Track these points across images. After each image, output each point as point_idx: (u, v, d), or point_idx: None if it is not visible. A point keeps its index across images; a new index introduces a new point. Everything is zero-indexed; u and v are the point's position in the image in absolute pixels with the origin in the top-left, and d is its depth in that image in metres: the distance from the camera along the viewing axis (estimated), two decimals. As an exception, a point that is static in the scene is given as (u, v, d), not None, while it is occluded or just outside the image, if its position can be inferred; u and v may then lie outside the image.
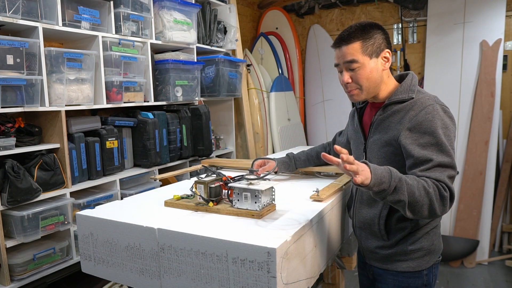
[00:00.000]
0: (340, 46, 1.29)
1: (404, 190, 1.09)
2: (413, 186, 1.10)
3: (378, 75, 1.30)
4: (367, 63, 1.27)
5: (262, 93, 3.82)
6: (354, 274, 3.21)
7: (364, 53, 1.26)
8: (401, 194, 1.09)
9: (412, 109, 1.26)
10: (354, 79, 1.29)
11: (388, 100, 1.31)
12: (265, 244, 0.97)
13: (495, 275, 3.23)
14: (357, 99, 1.34)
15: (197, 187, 1.33)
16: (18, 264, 1.84)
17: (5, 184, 1.77)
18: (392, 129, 1.28)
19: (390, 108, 1.31)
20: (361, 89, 1.30)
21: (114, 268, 1.26)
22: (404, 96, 1.29)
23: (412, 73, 1.36)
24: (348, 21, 4.19)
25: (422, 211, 1.13)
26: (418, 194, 1.10)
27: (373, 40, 1.27)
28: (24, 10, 1.81)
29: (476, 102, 3.43)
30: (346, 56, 1.27)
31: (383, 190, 1.08)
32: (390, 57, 1.32)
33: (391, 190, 1.08)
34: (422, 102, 1.26)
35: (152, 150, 2.46)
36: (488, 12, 3.41)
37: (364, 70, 1.27)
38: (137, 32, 2.41)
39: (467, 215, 3.43)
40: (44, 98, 1.91)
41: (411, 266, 1.34)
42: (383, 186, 1.07)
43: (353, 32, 1.27)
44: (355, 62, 1.27)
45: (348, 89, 1.32)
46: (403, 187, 1.09)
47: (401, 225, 1.32)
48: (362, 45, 1.26)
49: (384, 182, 1.07)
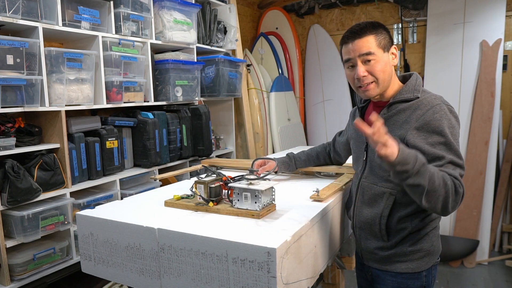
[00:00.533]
0: (353, 40, 1.28)
1: (426, 176, 1.08)
2: (434, 175, 1.10)
3: (391, 69, 1.31)
4: (381, 56, 1.28)
5: (262, 93, 3.82)
6: (354, 274, 3.20)
7: (378, 46, 1.27)
8: (422, 178, 1.08)
9: (418, 108, 1.25)
10: (370, 72, 1.28)
11: (393, 99, 1.31)
12: (265, 244, 0.97)
13: (495, 275, 3.23)
14: (372, 94, 1.31)
15: (197, 187, 1.33)
16: (18, 264, 1.84)
17: (5, 184, 1.77)
18: (397, 128, 1.27)
19: (395, 107, 1.30)
20: (377, 82, 1.29)
21: (114, 268, 1.26)
22: (410, 95, 1.29)
23: (417, 74, 1.36)
24: (348, 21, 4.19)
25: (437, 202, 1.12)
26: (438, 184, 1.10)
27: (383, 35, 1.29)
28: (24, 10, 1.81)
29: (476, 102, 3.43)
30: (362, 49, 1.26)
31: (406, 171, 1.07)
32: (397, 53, 1.33)
33: (414, 172, 1.07)
34: (428, 101, 1.26)
35: (152, 150, 2.46)
36: (488, 12, 3.41)
37: (379, 63, 1.27)
38: (137, 32, 2.41)
39: (467, 215, 3.43)
40: (44, 98, 1.91)
41: (410, 267, 1.34)
42: (407, 166, 1.06)
43: (365, 27, 1.27)
44: (371, 54, 1.26)
45: (363, 82, 1.29)
46: (426, 172, 1.08)
47: (402, 226, 1.32)
48: (376, 38, 1.27)
49: (409, 162, 1.06)
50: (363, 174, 1.41)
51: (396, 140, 1.08)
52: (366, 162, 1.40)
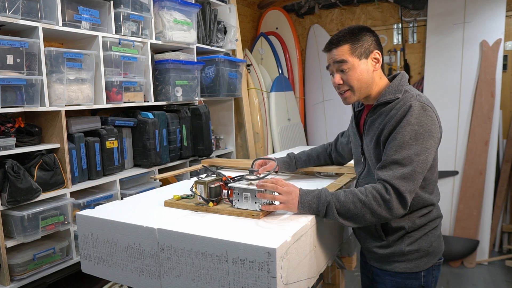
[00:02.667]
0: (330, 49, 1.33)
1: (333, 213, 1.19)
2: (347, 203, 1.19)
3: (369, 76, 1.32)
4: (357, 64, 1.30)
5: (262, 93, 3.82)
6: (354, 274, 3.21)
7: (353, 54, 1.29)
8: (332, 216, 1.20)
9: (394, 108, 1.27)
10: (345, 80, 1.32)
11: (377, 102, 1.33)
12: (265, 244, 0.97)
13: (495, 275, 3.23)
14: (350, 101, 1.36)
15: (197, 187, 1.33)
16: (18, 264, 1.84)
17: (5, 184, 1.77)
18: (379, 129, 1.29)
19: (378, 109, 1.33)
20: (352, 90, 1.33)
21: (114, 268, 1.26)
22: (391, 96, 1.30)
23: (403, 73, 1.37)
24: (348, 21, 4.19)
25: (366, 220, 1.19)
26: (354, 207, 1.18)
27: (361, 42, 1.30)
28: (24, 10, 1.81)
29: (476, 102, 3.43)
30: (336, 57, 1.31)
31: (316, 214, 1.23)
32: (380, 58, 1.34)
33: (322, 214, 1.21)
34: (404, 101, 1.26)
35: (152, 150, 2.46)
36: (488, 12, 3.41)
37: (354, 71, 1.30)
38: (137, 32, 2.41)
39: (467, 215, 3.43)
40: (44, 98, 1.91)
41: (408, 267, 1.34)
42: (313, 212, 1.22)
43: (342, 36, 1.31)
44: (345, 62, 1.29)
45: (340, 90, 1.35)
46: (331, 210, 1.19)
47: (398, 225, 1.32)
48: (350, 47, 1.29)
49: (313, 208, 1.22)
50: (360, 175, 1.45)
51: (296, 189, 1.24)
52: (365, 164, 1.42)
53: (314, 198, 1.22)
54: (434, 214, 1.36)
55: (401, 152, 1.19)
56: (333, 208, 1.19)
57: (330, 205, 1.19)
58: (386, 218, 1.19)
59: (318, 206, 1.21)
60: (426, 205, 1.33)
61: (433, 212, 1.35)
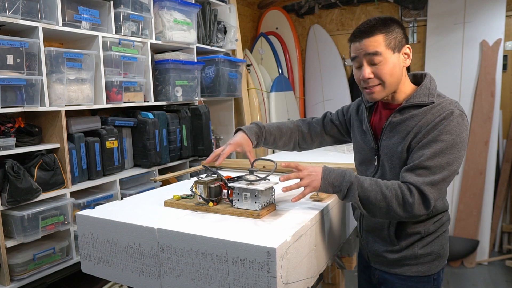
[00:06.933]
0: (361, 39, 1.19)
1: (355, 194, 1.17)
2: (369, 191, 1.16)
3: (400, 72, 1.22)
4: (390, 57, 1.18)
5: (262, 93, 3.82)
6: (354, 274, 3.21)
7: (387, 47, 1.18)
8: (352, 197, 1.17)
9: (430, 112, 1.19)
10: (376, 75, 1.20)
11: (406, 102, 1.23)
12: (265, 244, 0.97)
13: (495, 275, 3.23)
14: (377, 97, 1.24)
15: (197, 187, 1.33)
16: (18, 264, 1.84)
17: (5, 184, 1.77)
18: (413, 133, 1.20)
19: (408, 111, 1.23)
20: (383, 85, 1.21)
21: (114, 268, 1.26)
22: (424, 99, 1.21)
23: (430, 75, 1.29)
24: (348, 21, 4.19)
25: (380, 213, 1.17)
26: (374, 198, 1.16)
27: (395, 34, 1.19)
28: (24, 10, 1.81)
29: (476, 102, 3.43)
30: (368, 48, 1.18)
31: (337, 193, 1.20)
32: (410, 53, 1.24)
33: (343, 194, 1.19)
34: (442, 106, 1.19)
35: (152, 150, 2.46)
36: (488, 12, 3.41)
37: (387, 64, 1.18)
38: (137, 32, 2.41)
39: (467, 215, 3.43)
40: (44, 98, 1.91)
41: (421, 270, 1.30)
42: (334, 189, 1.19)
43: (375, 25, 1.18)
44: (378, 55, 1.17)
45: (368, 84, 1.22)
46: (353, 192, 1.17)
47: (414, 230, 1.28)
48: (385, 38, 1.17)
49: (335, 186, 1.19)
50: (374, 177, 1.33)
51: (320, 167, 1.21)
52: (378, 166, 1.33)
53: (338, 176, 1.18)
54: (446, 218, 1.34)
55: (434, 159, 1.14)
56: (355, 190, 1.16)
57: (353, 185, 1.16)
58: (400, 217, 1.17)
59: (341, 184, 1.17)
60: (442, 211, 1.32)
61: (445, 216, 1.34)
